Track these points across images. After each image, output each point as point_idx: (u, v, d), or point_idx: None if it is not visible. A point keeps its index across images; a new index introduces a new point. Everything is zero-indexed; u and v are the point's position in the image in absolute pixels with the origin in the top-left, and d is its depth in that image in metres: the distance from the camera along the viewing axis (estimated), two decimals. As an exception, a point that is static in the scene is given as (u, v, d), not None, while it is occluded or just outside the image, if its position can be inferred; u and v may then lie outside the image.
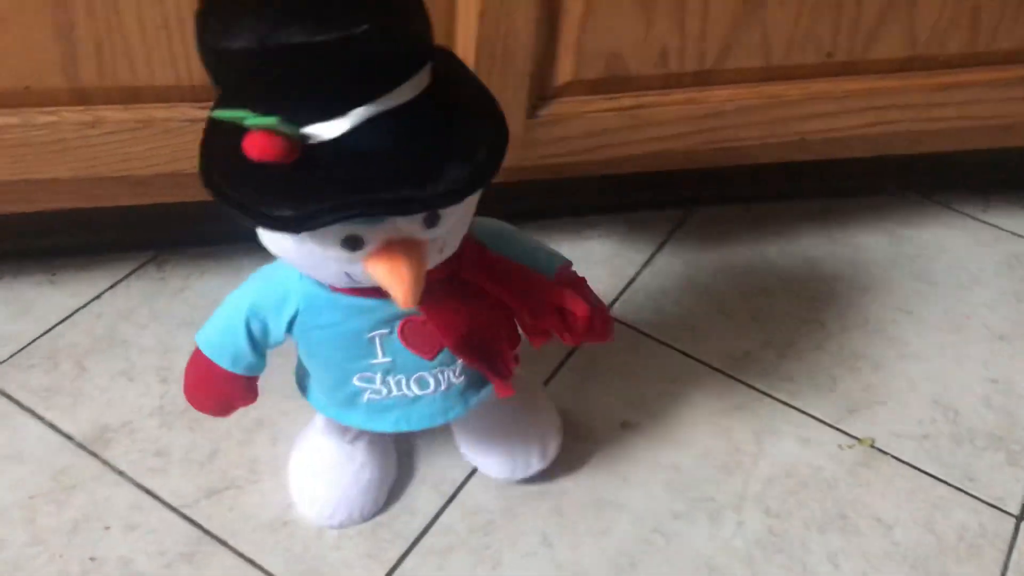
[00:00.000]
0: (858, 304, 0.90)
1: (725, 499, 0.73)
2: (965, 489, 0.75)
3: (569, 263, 0.63)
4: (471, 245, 0.56)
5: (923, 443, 0.78)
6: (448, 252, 0.53)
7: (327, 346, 0.59)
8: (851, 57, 0.76)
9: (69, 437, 0.73)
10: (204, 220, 0.86)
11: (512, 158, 0.75)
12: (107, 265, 0.86)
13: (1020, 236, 0.99)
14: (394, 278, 0.48)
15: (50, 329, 0.81)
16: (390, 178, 0.45)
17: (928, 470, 0.76)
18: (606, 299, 0.87)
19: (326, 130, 0.45)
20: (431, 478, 0.72)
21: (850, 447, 0.77)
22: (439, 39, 0.70)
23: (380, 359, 0.58)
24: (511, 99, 0.71)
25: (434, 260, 0.52)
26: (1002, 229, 1.00)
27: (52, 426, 0.73)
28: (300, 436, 0.72)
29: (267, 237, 0.51)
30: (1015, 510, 0.74)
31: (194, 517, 0.69)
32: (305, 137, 0.45)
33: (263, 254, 0.53)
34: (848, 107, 0.78)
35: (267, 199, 0.45)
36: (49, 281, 0.85)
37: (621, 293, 0.89)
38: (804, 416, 0.79)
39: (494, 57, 0.68)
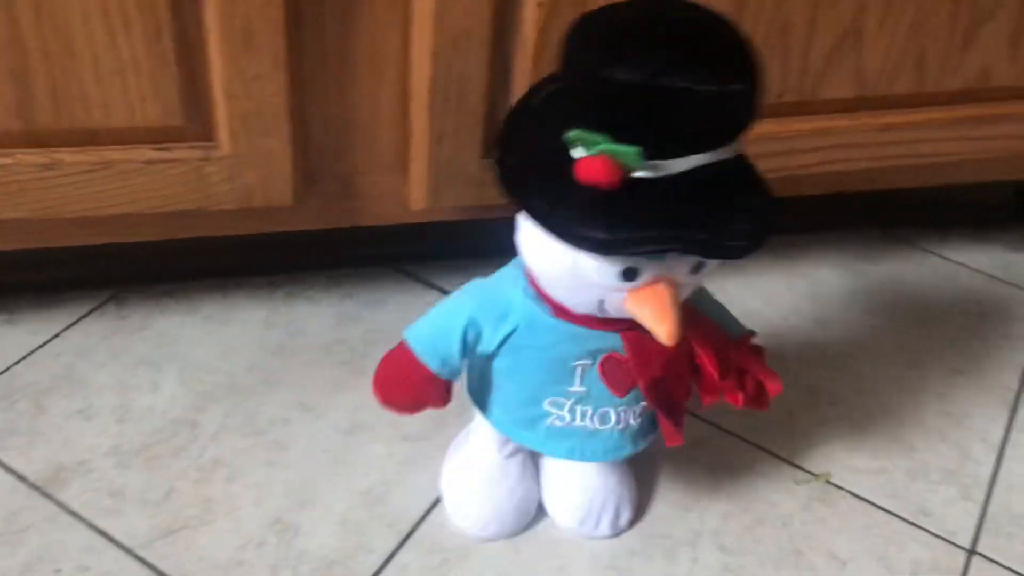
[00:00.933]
0: (816, 339, 0.91)
1: (681, 536, 0.73)
2: (919, 524, 0.76)
3: (754, 332, 0.65)
4: None
5: (878, 477, 0.79)
6: (683, 299, 0.56)
7: (532, 366, 0.62)
8: (801, 97, 0.78)
9: (23, 478, 0.72)
10: (165, 258, 0.86)
11: (467, 197, 0.77)
12: (66, 303, 0.86)
13: (977, 271, 1.00)
14: (662, 315, 0.52)
15: (8, 368, 0.80)
16: (700, 221, 0.49)
17: (883, 505, 0.77)
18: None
19: (658, 168, 0.49)
20: (388, 516, 0.72)
21: (807, 483, 0.78)
22: (392, 80, 0.71)
23: (577, 387, 0.62)
24: (465, 139, 0.72)
25: None
26: (960, 264, 1.01)
27: (6, 467, 0.73)
28: (453, 448, 0.74)
29: (534, 251, 0.55)
30: (967, 543, 0.75)
31: (148, 558, 0.68)
32: (634, 170, 0.48)
33: (224, 293, 0.53)
34: (797, 147, 0.79)
35: (586, 220, 0.49)
36: (7, 320, 0.84)
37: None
38: (761, 451, 0.80)
39: (448, 98, 0.69)
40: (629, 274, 0.52)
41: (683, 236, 0.50)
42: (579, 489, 0.71)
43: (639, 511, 0.74)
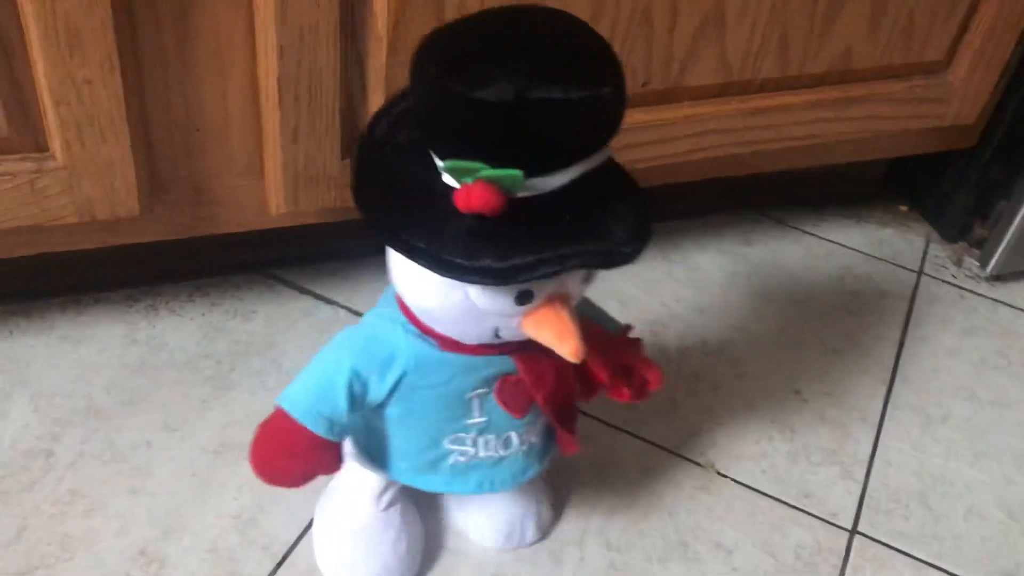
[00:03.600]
0: (697, 325, 0.91)
1: (566, 536, 0.72)
2: (801, 507, 0.76)
3: (631, 326, 0.64)
4: None
5: (760, 462, 0.79)
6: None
7: (428, 406, 0.58)
8: (667, 85, 0.77)
9: None
10: (11, 276, 0.81)
11: (329, 199, 0.73)
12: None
13: (851, 248, 1.02)
14: (564, 334, 0.51)
15: None
16: (588, 233, 0.48)
17: (766, 490, 0.77)
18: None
19: (537, 186, 0.47)
20: (261, 539, 0.69)
21: (696, 472, 0.77)
22: (239, 79, 0.67)
23: (476, 419, 0.59)
24: (323, 138, 0.69)
25: None
26: (834, 242, 1.02)
27: None
28: (322, 507, 0.68)
29: (416, 290, 0.52)
30: (848, 523, 0.76)
31: (-3, 604, 0.64)
32: (515, 191, 0.46)
33: (80, 310, 0.49)
34: (668, 135, 0.79)
35: (474, 251, 0.47)
36: None
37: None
38: (645, 443, 0.79)
39: (299, 96, 0.66)
40: (524, 297, 0.50)
41: (578, 252, 0.48)
42: (498, 510, 0.69)
43: (557, 505, 0.73)
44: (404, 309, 0.56)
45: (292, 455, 0.57)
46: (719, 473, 0.77)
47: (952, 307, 0.97)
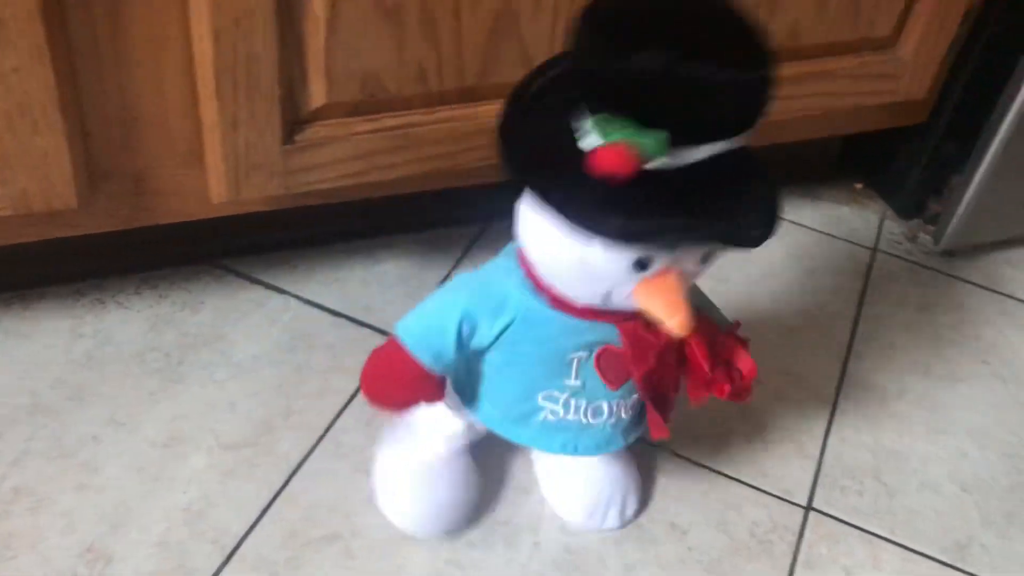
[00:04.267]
0: (653, 307, 0.90)
1: (522, 521, 0.71)
2: (757, 485, 0.76)
3: (738, 323, 0.64)
4: None
5: (717, 442, 0.79)
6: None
7: (529, 359, 0.60)
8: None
9: None
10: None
11: (272, 187, 0.72)
12: None
13: (806, 227, 1.02)
14: (674, 306, 0.52)
15: None
16: (716, 210, 0.50)
17: (721, 470, 0.77)
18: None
19: (675, 157, 0.48)
20: (211, 532, 0.68)
21: (648, 453, 0.77)
22: (175, 66, 0.66)
23: (572, 381, 0.61)
24: (263, 125, 0.67)
25: None
26: (789, 221, 1.02)
27: None
28: (386, 444, 0.70)
29: (540, 242, 0.53)
30: (803, 500, 0.76)
31: (-62, 606, 0.62)
32: (654, 159, 0.47)
33: (25, 305, 0.48)
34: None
35: (605, 209, 0.48)
36: None
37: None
38: (600, 426, 0.79)
39: (237, 83, 0.65)
40: (641, 264, 0.52)
41: (702, 225, 0.50)
42: (584, 483, 0.70)
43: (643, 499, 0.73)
44: (523, 263, 0.58)
45: (400, 381, 0.60)
46: (673, 452, 0.77)
47: (907, 283, 0.97)
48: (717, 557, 0.71)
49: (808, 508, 0.75)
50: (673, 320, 0.52)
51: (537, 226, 0.53)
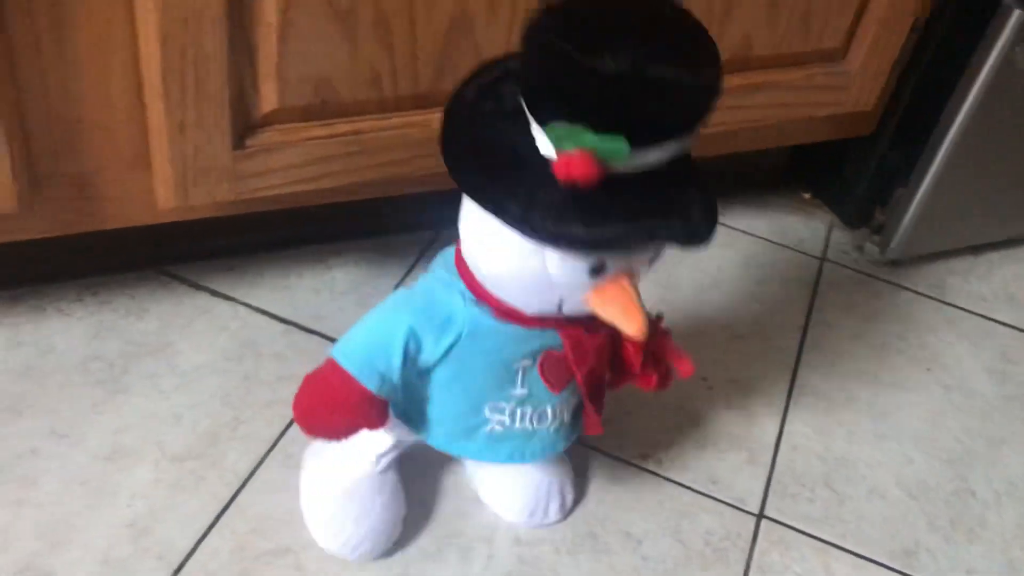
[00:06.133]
0: (606, 315, 0.90)
1: (475, 532, 0.71)
2: (709, 493, 0.77)
3: (661, 315, 0.64)
4: None
5: (669, 451, 0.79)
6: None
7: (476, 372, 0.59)
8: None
9: None
10: None
11: (222, 192, 0.71)
12: None
13: (755, 236, 1.03)
14: (630, 311, 0.52)
15: None
16: (670, 210, 0.50)
17: (673, 478, 0.77)
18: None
19: (634, 160, 0.47)
20: (156, 548, 0.66)
21: (602, 463, 0.77)
22: (121, 68, 0.64)
23: (519, 389, 0.60)
24: (212, 129, 0.66)
25: None
26: (738, 230, 1.03)
27: None
28: (312, 462, 0.68)
29: (491, 254, 0.53)
30: (755, 508, 0.76)
31: None
32: (617, 163, 0.47)
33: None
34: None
35: (565, 219, 0.48)
36: None
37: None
38: (554, 435, 0.79)
39: (185, 85, 0.63)
40: (598, 270, 0.51)
41: (664, 226, 0.50)
42: (522, 483, 0.70)
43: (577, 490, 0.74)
44: (463, 275, 0.57)
45: (340, 408, 0.57)
46: (624, 461, 0.77)
47: (854, 292, 0.99)
48: (672, 567, 0.71)
49: (760, 516, 0.76)
50: (631, 325, 0.52)
51: (487, 239, 0.53)
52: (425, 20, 0.68)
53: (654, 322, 0.63)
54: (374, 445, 0.66)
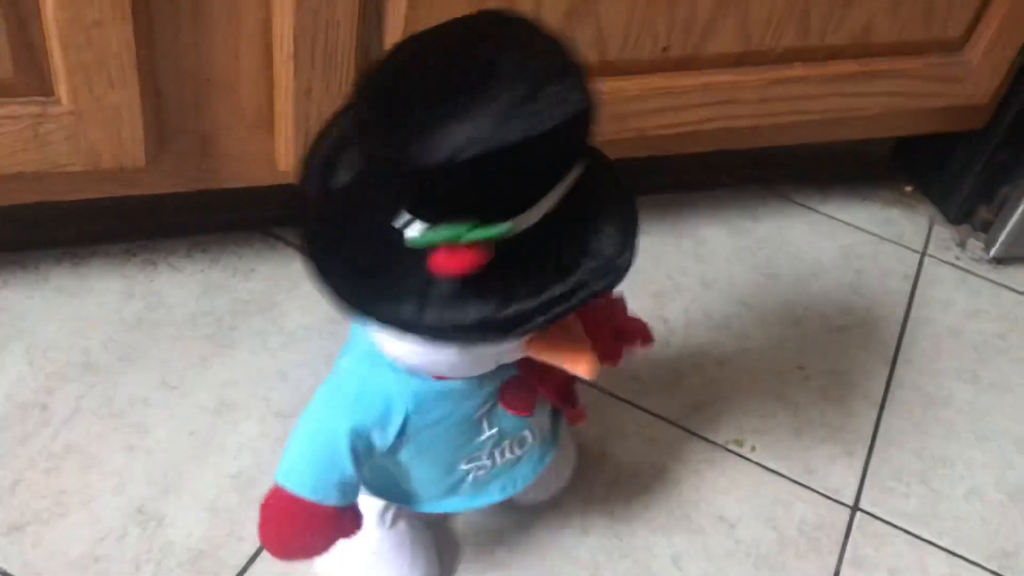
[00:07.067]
0: (701, 299, 0.90)
1: (570, 507, 0.71)
2: (804, 482, 0.76)
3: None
4: None
5: (764, 438, 0.79)
6: None
7: (438, 440, 0.54)
8: (686, 52, 0.75)
9: None
10: (8, 224, 0.79)
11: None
12: None
13: (856, 227, 1.01)
14: (578, 354, 0.47)
15: None
16: (582, 256, 0.44)
17: (769, 465, 0.77)
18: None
19: (520, 224, 0.42)
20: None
21: (697, 446, 0.77)
22: (252, 30, 0.65)
23: (487, 434, 0.55)
24: (335, 93, 0.67)
25: None
26: (839, 220, 1.02)
27: None
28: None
29: (415, 353, 0.48)
30: (850, 500, 0.76)
31: (-9, 558, 0.62)
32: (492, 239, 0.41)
33: (76, 263, 0.47)
34: (685, 103, 0.77)
35: (463, 309, 0.42)
36: None
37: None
38: (648, 415, 0.79)
39: (314, 49, 0.64)
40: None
41: (583, 278, 0.44)
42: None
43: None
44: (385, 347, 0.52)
45: (311, 532, 0.53)
46: (721, 446, 0.77)
47: (955, 289, 0.97)
48: (765, 552, 0.71)
49: (855, 508, 0.75)
50: (581, 367, 0.48)
51: (396, 338, 0.46)
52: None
53: (611, 300, 0.59)
54: (370, 509, 0.61)
